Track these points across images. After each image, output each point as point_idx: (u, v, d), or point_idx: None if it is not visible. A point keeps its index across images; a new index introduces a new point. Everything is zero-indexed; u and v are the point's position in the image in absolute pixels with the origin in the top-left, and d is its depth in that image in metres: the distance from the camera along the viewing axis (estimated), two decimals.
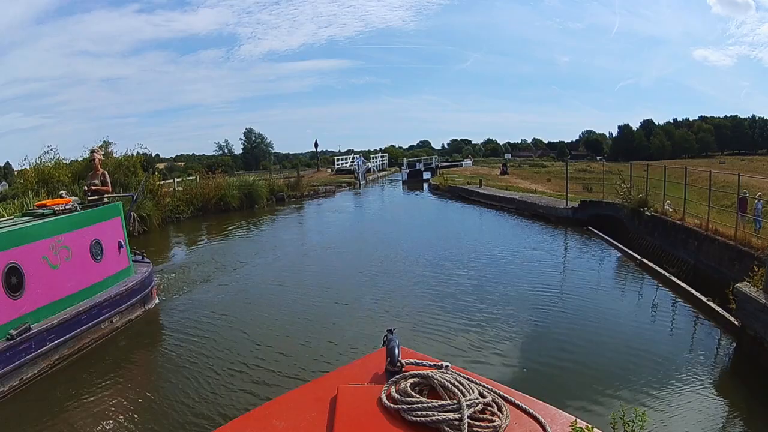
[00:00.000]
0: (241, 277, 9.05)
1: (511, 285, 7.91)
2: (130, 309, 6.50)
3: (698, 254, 8.06)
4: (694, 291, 6.86)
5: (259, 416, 1.51)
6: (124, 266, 6.68)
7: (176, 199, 17.29)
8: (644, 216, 10.31)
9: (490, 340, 5.62)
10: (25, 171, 14.99)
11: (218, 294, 7.97)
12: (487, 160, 54.23)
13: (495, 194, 19.06)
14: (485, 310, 6.61)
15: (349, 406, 1.43)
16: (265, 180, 22.29)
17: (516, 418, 1.36)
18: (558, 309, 6.77)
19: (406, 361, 1.60)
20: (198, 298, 7.76)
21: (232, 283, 8.67)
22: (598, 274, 9.05)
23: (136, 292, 6.64)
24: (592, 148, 62.58)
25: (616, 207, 12.00)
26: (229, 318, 6.68)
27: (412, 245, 11.47)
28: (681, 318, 6.50)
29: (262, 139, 66.94)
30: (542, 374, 4.77)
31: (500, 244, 11.54)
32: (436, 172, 34.04)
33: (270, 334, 6.06)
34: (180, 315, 6.89)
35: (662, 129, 66.16)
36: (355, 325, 6.26)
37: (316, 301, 7.35)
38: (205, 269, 9.66)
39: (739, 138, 63.59)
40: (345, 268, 9.67)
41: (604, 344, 5.54)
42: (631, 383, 4.48)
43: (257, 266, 9.94)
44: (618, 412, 1.46)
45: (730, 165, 39.86)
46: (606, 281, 8.65)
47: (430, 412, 1.34)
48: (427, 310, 6.70)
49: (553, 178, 32.59)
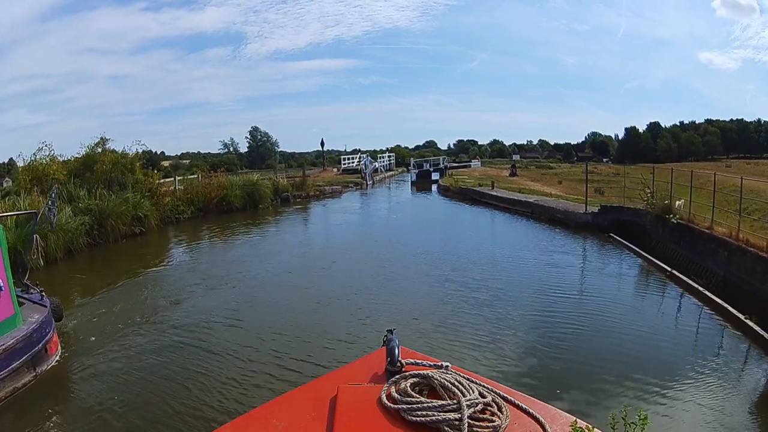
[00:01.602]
0: (210, 309, 7.44)
1: (525, 288, 7.98)
2: (12, 376, 4.79)
3: (728, 266, 8.00)
4: (731, 308, 6.73)
5: (259, 416, 1.59)
6: (4, 316, 5.02)
7: (176, 198, 17.49)
8: (670, 223, 10.25)
9: (490, 340, 5.70)
10: (18, 168, 15.41)
11: (166, 337, 6.29)
12: (493, 161, 55.84)
13: (509, 197, 19.02)
14: (492, 310, 6.72)
15: (349, 406, 1.50)
16: (269, 179, 22.52)
17: (516, 418, 1.43)
18: (574, 314, 6.81)
19: (406, 361, 1.68)
20: (133, 344, 6.04)
21: (184, 319, 7.02)
22: (619, 281, 9.02)
23: (20, 352, 4.89)
24: (599, 150, 63.94)
25: (639, 213, 11.93)
26: (172, 374, 5.23)
27: (429, 250, 11.53)
28: (707, 330, 6.45)
29: (268, 137, 68.77)
30: (543, 374, 4.85)
31: (517, 248, 11.60)
32: (444, 173, 34.67)
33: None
34: (97, 378, 5.17)
35: (669, 132, 68.60)
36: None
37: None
38: (170, 291, 8.53)
39: (745, 141, 65.91)
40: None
41: (621, 348, 5.57)
42: (655, 390, 4.54)
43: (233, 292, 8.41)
44: (619, 413, 1.52)
45: (737, 169, 40.19)
46: (627, 288, 8.62)
47: (430, 412, 1.40)
48: (434, 311, 6.78)
49: (564, 180, 32.92)
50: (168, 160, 66.89)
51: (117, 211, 13.38)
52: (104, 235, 12.93)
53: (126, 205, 13.87)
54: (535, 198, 18.01)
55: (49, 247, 10.45)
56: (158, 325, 6.84)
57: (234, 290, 8.48)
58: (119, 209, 13.49)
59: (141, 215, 14.38)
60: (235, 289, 8.51)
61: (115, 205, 13.49)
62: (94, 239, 12.52)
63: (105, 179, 14.60)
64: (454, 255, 10.95)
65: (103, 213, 13.03)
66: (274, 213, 19.15)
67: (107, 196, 13.75)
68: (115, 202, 13.56)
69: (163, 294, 8.39)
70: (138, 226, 14.20)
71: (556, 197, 18.79)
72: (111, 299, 8.04)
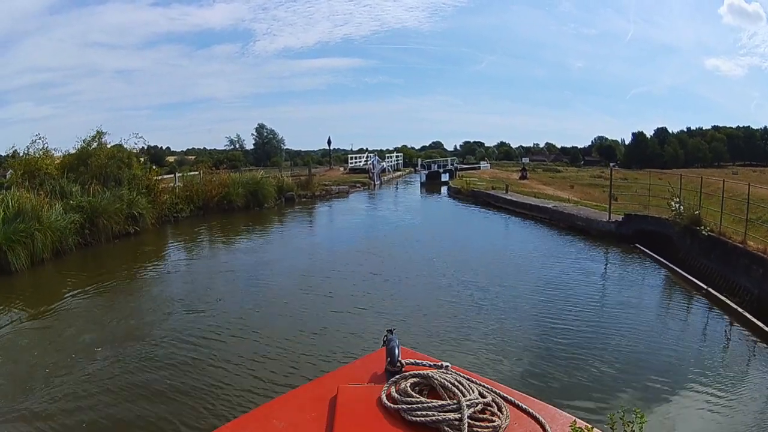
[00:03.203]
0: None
1: (550, 296, 8.11)
2: None
3: (763, 283, 7.94)
4: (765, 327, 6.67)
5: (259, 416, 1.68)
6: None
7: (175, 196, 17.68)
8: (700, 235, 10.19)
9: (491, 340, 5.81)
10: (9, 162, 15.74)
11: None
12: (500, 164, 58.29)
13: (525, 202, 19.02)
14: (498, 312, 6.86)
15: (349, 406, 1.59)
16: (274, 178, 22.73)
17: (516, 418, 1.51)
18: (603, 325, 6.94)
19: (406, 361, 1.77)
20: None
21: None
22: (644, 292, 9.05)
23: None
24: (606, 155, 65.77)
25: (666, 223, 11.88)
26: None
27: (445, 257, 11.65)
28: (737, 346, 6.47)
29: (274, 134, 70.72)
30: (543, 374, 4.94)
31: (541, 254, 11.79)
32: (454, 175, 35.81)
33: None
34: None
35: (676, 137, 71.84)
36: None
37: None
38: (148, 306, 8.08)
39: (752, 149, 69.12)
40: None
41: (646, 359, 5.68)
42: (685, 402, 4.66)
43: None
44: (617, 413, 1.60)
45: (743, 176, 40.85)
46: (652, 301, 8.67)
47: (430, 412, 1.49)
48: (437, 312, 6.93)
49: (576, 185, 33.48)
50: (173, 155, 69.01)
51: (110, 209, 13.50)
52: (96, 235, 13.01)
53: (120, 202, 14.02)
54: (553, 204, 17.96)
55: (35, 246, 10.64)
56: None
57: (219, 311, 7.75)
58: (112, 207, 13.60)
59: (136, 213, 14.53)
60: (220, 309, 7.81)
61: (109, 202, 13.61)
62: (85, 239, 12.60)
63: (100, 174, 14.81)
64: (470, 261, 11.13)
65: (96, 211, 13.12)
66: (277, 213, 19.31)
67: (101, 192, 13.91)
68: (108, 200, 13.70)
69: (141, 309, 8.01)
70: (132, 225, 14.35)
71: (574, 203, 18.77)
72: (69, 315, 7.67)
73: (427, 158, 46.12)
